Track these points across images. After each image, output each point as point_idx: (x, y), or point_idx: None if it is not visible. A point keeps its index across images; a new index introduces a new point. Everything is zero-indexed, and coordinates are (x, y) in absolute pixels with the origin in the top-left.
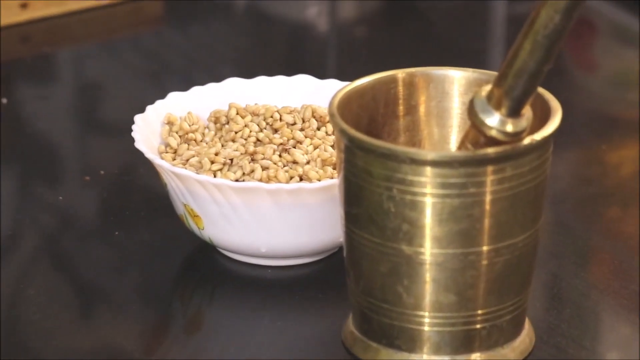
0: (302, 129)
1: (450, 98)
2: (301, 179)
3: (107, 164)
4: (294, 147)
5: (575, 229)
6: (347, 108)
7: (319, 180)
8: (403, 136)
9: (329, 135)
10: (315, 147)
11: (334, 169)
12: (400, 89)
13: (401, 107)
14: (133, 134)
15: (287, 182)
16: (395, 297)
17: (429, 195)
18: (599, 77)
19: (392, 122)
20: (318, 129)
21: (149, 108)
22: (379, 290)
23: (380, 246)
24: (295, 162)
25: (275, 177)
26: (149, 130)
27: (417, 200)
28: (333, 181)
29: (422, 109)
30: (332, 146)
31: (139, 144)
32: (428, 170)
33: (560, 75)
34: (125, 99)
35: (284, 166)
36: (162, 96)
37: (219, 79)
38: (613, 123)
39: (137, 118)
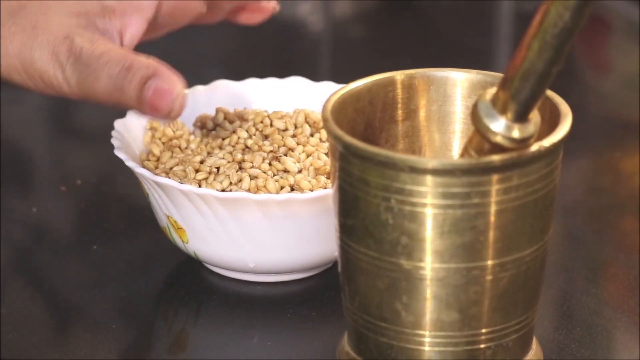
0: (294, 136)
1: (453, 102)
2: (292, 189)
3: (84, 172)
4: (285, 155)
5: (587, 241)
6: (342, 113)
7: (312, 191)
8: (402, 142)
9: (323, 142)
10: (308, 155)
11: (328, 178)
12: (399, 92)
13: (400, 112)
14: (112, 141)
15: (278, 193)
16: (394, 315)
17: (429, 206)
18: (613, 79)
19: (390, 128)
20: (311, 135)
21: (129, 112)
22: (376, 308)
23: (378, 260)
24: (286, 170)
25: (265, 187)
26: (129, 136)
27: (417, 211)
28: (327, 191)
29: (422, 113)
30: (326, 154)
31: (119, 151)
32: (429, 179)
33: (570, 77)
34: None
35: (274, 175)
36: None
37: (205, 81)
38: (627, 128)
39: (117, 123)
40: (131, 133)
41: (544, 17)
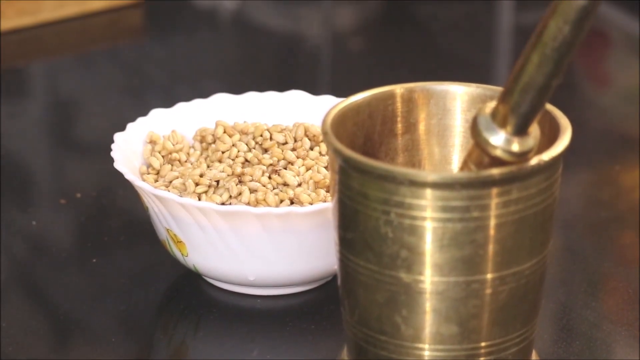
0: (293, 149)
1: (452, 115)
2: (292, 203)
3: (84, 186)
4: (285, 168)
5: (586, 255)
6: (341, 126)
7: (311, 204)
8: (401, 156)
9: (323, 155)
10: (308, 168)
11: (328, 191)
12: (399, 105)
13: (399, 125)
14: (112, 154)
15: (277, 206)
16: (393, 328)
17: (429, 219)
18: (612, 93)
19: (389, 141)
20: (311, 148)
21: (129, 126)
22: (376, 321)
23: (377, 274)
24: (285, 184)
25: (264, 200)
26: (129, 149)
27: (417, 224)
28: (326, 205)
29: (421, 127)
30: (326, 167)
31: (119, 165)
32: (428, 192)
33: (570, 90)
34: (104, 116)
35: (274, 189)
36: (144, 113)
37: (205, 94)
38: (627, 142)
39: (117, 137)
40: (131, 146)
41: (543, 31)
